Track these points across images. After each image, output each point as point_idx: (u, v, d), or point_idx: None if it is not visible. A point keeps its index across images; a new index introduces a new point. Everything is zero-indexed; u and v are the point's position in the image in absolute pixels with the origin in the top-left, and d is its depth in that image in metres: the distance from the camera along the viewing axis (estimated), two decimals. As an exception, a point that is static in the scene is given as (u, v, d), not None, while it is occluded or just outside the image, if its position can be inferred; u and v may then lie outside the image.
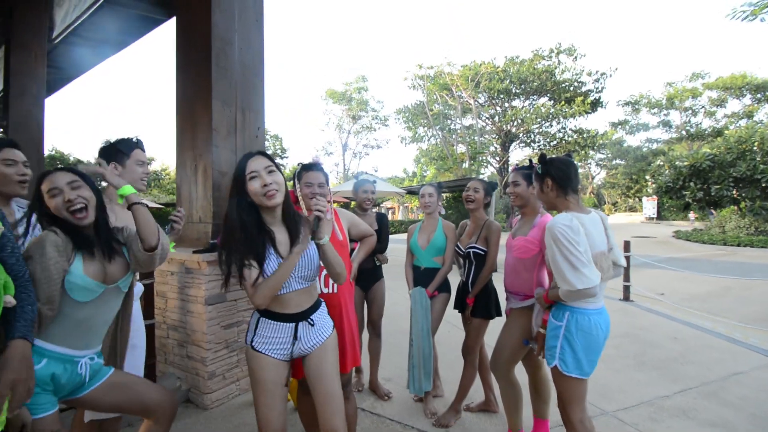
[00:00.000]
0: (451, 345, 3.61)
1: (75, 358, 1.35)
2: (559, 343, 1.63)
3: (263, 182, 1.37)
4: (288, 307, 1.45)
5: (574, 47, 23.52)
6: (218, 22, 2.90)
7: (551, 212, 2.01)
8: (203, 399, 2.57)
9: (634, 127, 34.90)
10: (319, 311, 1.54)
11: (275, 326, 1.45)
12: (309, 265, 1.46)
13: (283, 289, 1.42)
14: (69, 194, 1.33)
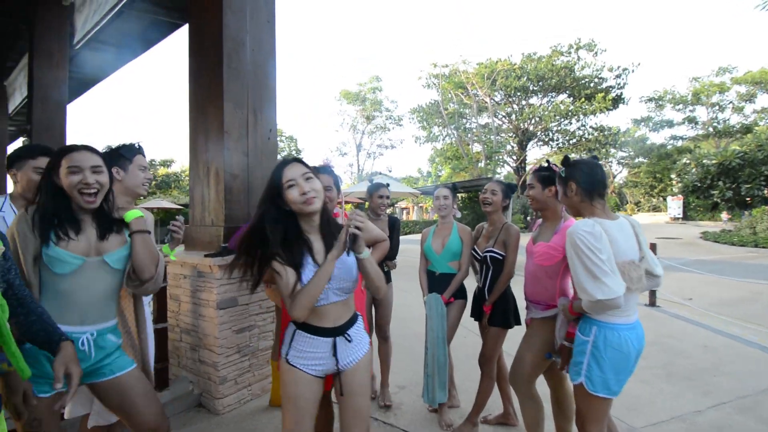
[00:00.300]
0: (468, 352, 3.50)
1: (73, 334, 1.33)
2: (586, 359, 1.52)
3: (302, 190, 1.32)
4: (326, 321, 1.39)
5: (594, 42, 22.92)
6: (230, 22, 2.87)
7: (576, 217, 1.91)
8: (215, 404, 2.54)
9: (658, 124, 33.69)
10: (356, 326, 1.47)
11: (312, 340, 1.39)
12: (347, 276, 1.40)
13: (321, 301, 1.36)
14: (89, 177, 1.34)
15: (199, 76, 3.01)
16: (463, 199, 12.60)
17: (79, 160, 1.34)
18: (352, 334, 1.43)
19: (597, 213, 1.60)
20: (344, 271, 1.39)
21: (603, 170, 1.67)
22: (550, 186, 1.95)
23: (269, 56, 3.18)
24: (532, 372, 1.92)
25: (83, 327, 1.38)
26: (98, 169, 1.37)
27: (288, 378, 1.40)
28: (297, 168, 1.37)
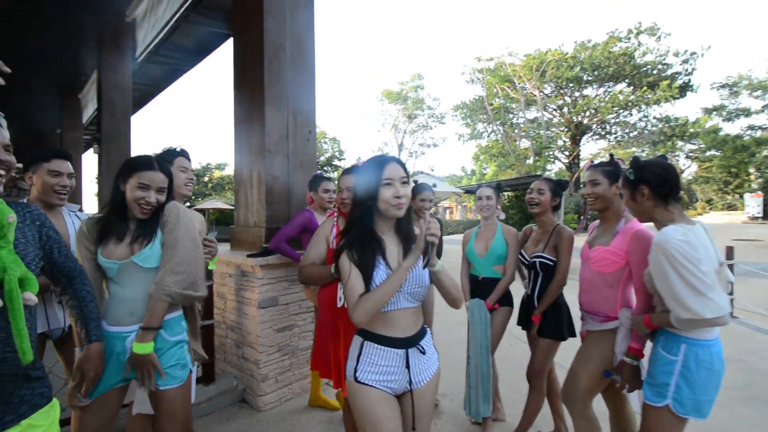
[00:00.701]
0: (516, 361, 3.30)
1: (122, 333, 1.42)
2: (674, 380, 1.37)
3: (396, 192, 1.26)
4: (395, 329, 1.28)
5: (657, 26, 21.06)
6: (270, 27, 2.91)
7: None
8: (257, 401, 2.59)
9: (733, 113, 30.25)
10: (427, 338, 1.36)
11: (383, 352, 1.26)
12: (419, 280, 1.30)
13: (390, 306, 1.27)
14: (152, 197, 1.43)
15: (242, 82, 3.09)
16: (510, 199, 12.07)
17: (150, 179, 1.43)
18: (424, 346, 1.32)
19: (676, 218, 1.42)
20: (416, 276, 1.30)
21: (676, 171, 1.48)
22: (617, 182, 1.76)
23: (309, 59, 3.20)
24: (588, 391, 1.74)
25: (131, 326, 1.43)
26: (162, 190, 1.46)
27: (364, 402, 1.23)
28: (397, 169, 1.29)
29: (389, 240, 1.34)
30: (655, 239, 1.35)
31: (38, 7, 5.27)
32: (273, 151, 2.90)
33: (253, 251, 2.76)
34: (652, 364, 1.46)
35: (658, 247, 1.32)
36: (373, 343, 1.28)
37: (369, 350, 1.28)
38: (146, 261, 1.44)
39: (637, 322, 1.51)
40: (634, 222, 1.70)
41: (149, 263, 1.45)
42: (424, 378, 1.31)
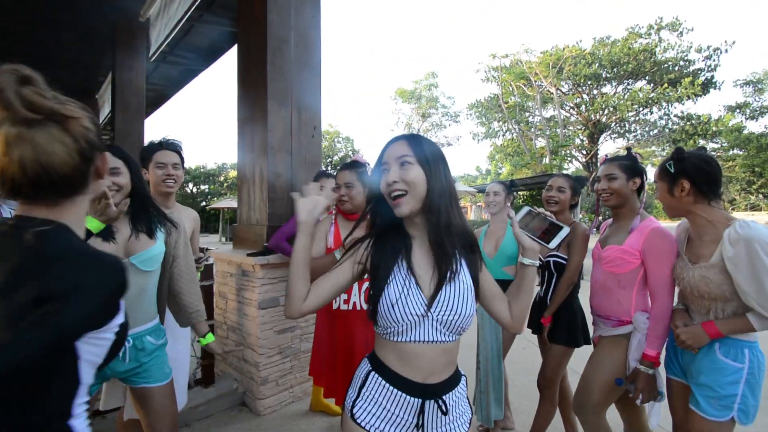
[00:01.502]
0: (527, 366, 3.16)
1: None
2: (741, 390, 1.27)
3: (386, 179, 0.96)
4: (415, 369, 0.93)
5: (679, 21, 20.33)
6: (274, 19, 2.85)
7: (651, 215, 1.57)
8: (256, 404, 2.52)
9: (757, 111, 29.09)
10: (457, 391, 0.99)
11: (392, 395, 0.94)
12: (456, 302, 0.93)
13: (410, 334, 0.92)
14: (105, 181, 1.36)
15: (246, 76, 3.03)
16: (525, 198, 11.84)
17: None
18: (450, 404, 0.96)
19: (727, 215, 1.33)
20: (453, 297, 0.93)
21: (720, 166, 1.36)
22: (634, 178, 1.63)
23: (314, 52, 3.12)
24: (601, 400, 1.61)
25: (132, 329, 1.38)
26: (114, 171, 1.35)
27: None
28: (398, 147, 0.96)
29: (420, 244, 1.01)
30: (746, 235, 1.21)
31: (53, 10, 5.36)
32: (276, 148, 2.83)
33: (255, 249, 2.70)
34: (709, 375, 1.31)
35: (749, 241, 1.19)
36: (381, 377, 0.96)
37: (374, 384, 0.97)
38: (146, 264, 1.39)
39: (696, 333, 1.32)
40: (650, 219, 1.58)
41: (149, 266, 1.40)
42: None
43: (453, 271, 0.95)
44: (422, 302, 0.92)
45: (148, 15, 6.27)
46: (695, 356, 1.36)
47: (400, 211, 0.95)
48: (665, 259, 1.46)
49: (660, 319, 1.44)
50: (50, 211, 0.65)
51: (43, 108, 0.59)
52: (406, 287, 0.93)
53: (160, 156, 1.84)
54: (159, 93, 9.18)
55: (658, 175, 1.45)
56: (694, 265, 1.35)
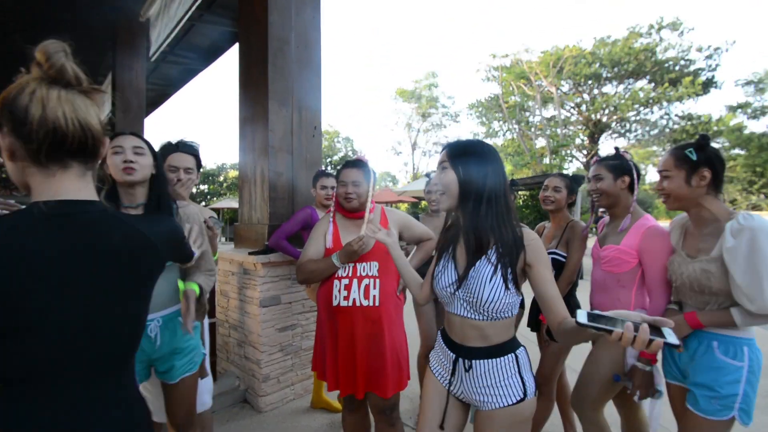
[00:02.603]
0: (525, 363, 3.19)
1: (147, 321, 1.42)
2: (742, 389, 1.26)
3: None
4: (453, 332, 1.22)
5: (680, 20, 20.33)
6: (275, 20, 2.87)
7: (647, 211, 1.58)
8: (258, 401, 2.55)
9: (759, 110, 29.04)
10: (494, 362, 1.14)
11: (441, 345, 1.28)
12: (474, 289, 1.11)
13: (449, 306, 1.21)
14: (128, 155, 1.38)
15: (247, 76, 3.05)
16: (525, 198, 11.84)
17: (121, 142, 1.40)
18: (478, 367, 1.15)
19: (723, 211, 1.33)
20: (475, 281, 1.12)
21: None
22: (623, 176, 1.65)
23: (314, 52, 3.14)
24: (599, 397, 1.63)
25: (149, 314, 1.41)
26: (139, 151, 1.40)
27: (426, 384, 1.32)
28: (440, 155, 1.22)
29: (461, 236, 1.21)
30: (745, 224, 1.21)
31: (53, 10, 5.38)
32: (277, 148, 2.85)
33: (257, 248, 2.72)
34: (708, 375, 1.29)
35: (753, 231, 1.18)
36: (440, 337, 1.30)
37: (438, 338, 1.31)
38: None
39: (678, 323, 1.33)
40: (645, 218, 1.59)
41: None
42: (475, 399, 1.16)
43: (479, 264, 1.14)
44: (453, 281, 1.18)
45: (149, 15, 6.28)
46: (693, 356, 1.35)
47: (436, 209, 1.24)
48: (660, 258, 1.48)
49: (656, 316, 1.45)
50: (82, 182, 0.71)
51: (81, 78, 0.68)
52: (446, 267, 1.22)
53: (173, 159, 1.81)
54: (159, 92, 9.19)
55: (673, 163, 1.38)
56: (694, 259, 1.34)
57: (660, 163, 1.44)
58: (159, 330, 1.42)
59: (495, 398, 1.13)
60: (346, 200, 1.69)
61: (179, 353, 1.46)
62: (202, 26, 6.04)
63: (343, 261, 1.61)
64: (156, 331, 1.41)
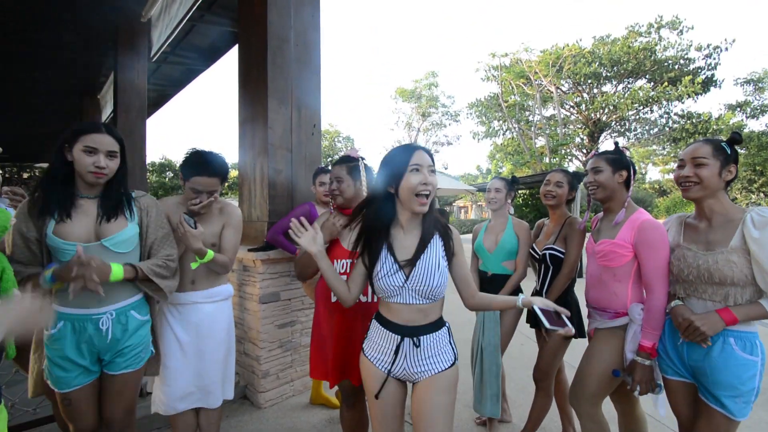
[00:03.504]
0: (523, 361, 3.20)
1: (93, 315, 1.38)
2: (757, 383, 1.28)
3: (424, 179, 1.25)
4: (397, 318, 1.32)
5: (679, 19, 20.34)
6: (274, 19, 2.89)
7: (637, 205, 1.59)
8: (257, 397, 2.56)
9: (758, 109, 29.03)
10: (435, 335, 1.32)
11: (381, 332, 1.34)
12: (426, 277, 1.27)
13: (394, 298, 1.30)
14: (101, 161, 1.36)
15: (246, 75, 3.07)
16: (525, 196, 11.85)
17: (97, 142, 1.35)
18: (424, 340, 1.30)
19: (732, 204, 1.38)
20: (422, 274, 1.27)
21: None
22: (621, 170, 1.66)
23: (313, 51, 3.16)
24: (598, 392, 1.64)
25: (101, 308, 1.40)
26: (113, 155, 1.40)
27: (363, 371, 1.39)
28: (425, 156, 1.29)
29: (407, 232, 1.34)
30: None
31: (54, 10, 5.39)
32: (276, 146, 2.87)
33: (256, 245, 2.73)
34: (730, 373, 1.27)
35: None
36: (377, 323, 1.37)
37: (375, 329, 1.38)
38: (119, 246, 1.41)
39: (713, 321, 1.28)
40: (639, 211, 1.60)
41: (123, 248, 1.42)
42: (419, 371, 1.30)
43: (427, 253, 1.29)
44: (400, 277, 1.28)
45: (150, 15, 6.29)
46: (708, 353, 1.32)
47: (423, 209, 1.28)
48: (658, 250, 1.48)
49: (655, 310, 1.46)
50: None
51: None
52: (389, 266, 1.29)
53: (197, 182, 1.66)
54: (160, 93, 9.21)
55: (711, 152, 1.36)
56: (711, 252, 1.34)
57: (691, 150, 1.41)
58: (111, 323, 1.40)
59: (435, 365, 1.30)
60: (332, 196, 1.75)
61: (126, 348, 1.44)
62: (203, 27, 6.05)
63: (325, 239, 1.61)
64: (108, 325, 1.39)
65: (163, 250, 1.53)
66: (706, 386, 1.34)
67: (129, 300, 1.47)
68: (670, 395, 1.50)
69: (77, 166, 1.35)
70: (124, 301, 1.46)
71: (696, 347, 1.36)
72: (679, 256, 1.44)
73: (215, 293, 1.79)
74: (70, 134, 1.35)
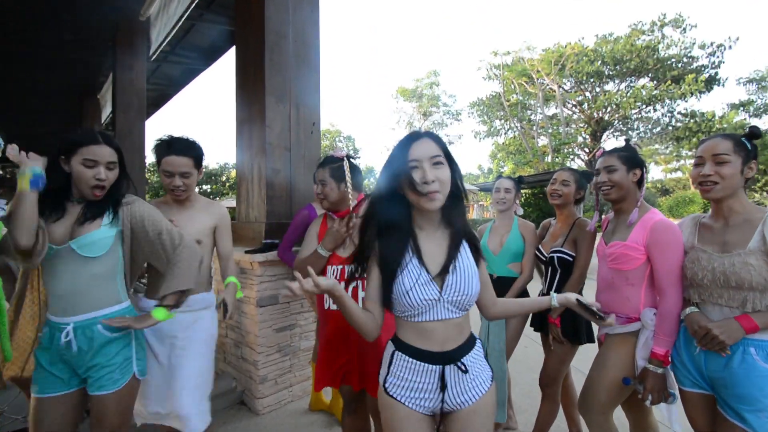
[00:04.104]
0: (529, 364, 3.13)
1: (60, 325, 1.30)
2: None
3: (424, 176, 1.02)
4: (431, 342, 1.07)
5: (682, 17, 20.20)
6: (272, 15, 2.82)
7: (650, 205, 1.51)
8: (255, 403, 2.49)
9: (761, 109, 28.85)
10: (473, 353, 1.13)
11: (415, 366, 1.08)
12: (463, 285, 1.07)
13: (424, 315, 1.07)
14: (102, 173, 1.31)
15: (243, 72, 3.00)
16: (527, 196, 11.76)
17: (97, 154, 1.29)
18: (468, 363, 1.09)
19: (750, 203, 1.32)
20: (459, 281, 1.07)
21: None
22: (635, 169, 1.58)
23: (312, 48, 3.09)
24: (608, 401, 1.56)
25: (65, 318, 1.30)
26: (112, 165, 1.34)
27: (388, 414, 1.10)
28: (426, 146, 1.05)
29: (430, 236, 1.12)
30: None
31: (52, 9, 5.35)
32: (274, 145, 2.80)
33: (254, 247, 2.67)
34: (753, 385, 1.18)
35: None
36: (404, 354, 1.09)
37: (399, 362, 1.10)
38: (86, 249, 1.29)
39: (732, 329, 1.21)
40: (652, 212, 1.53)
41: (90, 251, 1.30)
42: (466, 399, 1.09)
43: (460, 258, 1.10)
44: (434, 289, 1.06)
45: (149, 14, 6.24)
46: (727, 364, 1.23)
47: (434, 206, 1.04)
48: (672, 252, 1.41)
49: (668, 315, 1.38)
50: None
51: None
52: (421, 279, 1.06)
53: (167, 163, 1.62)
54: (161, 93, 9.18)
55: (733, 148, 1.27)
56: (728, 254, 1.26)
57: (711, 146, 1.31)
58: (73, 336, 1.28)
59: (477, 389, 1.11)
60: (319, 200, 1.70)
61: (95, 365, 1.30)
62: (203, 25, 6.01)
63: (327, 247, 1.58)
64: (70, 337, 1.27)
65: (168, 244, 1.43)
66: (726, 399, 1.25)
67: (94, 312, 1.32)
68: (687, 407, 1.42)
69: (77, 179, 1.30)
70: (92, 312, 1.32)
71: (714, 357, 1.28)
72: (693, 258, 1.35)
73: (193, 301, 1.62)
74: (67, 145, 1.29)
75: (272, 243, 2.57)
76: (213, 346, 1.77)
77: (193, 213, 1.73)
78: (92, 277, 1.32)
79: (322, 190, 1.66)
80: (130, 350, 1.38)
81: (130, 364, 1.37)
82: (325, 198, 1.67)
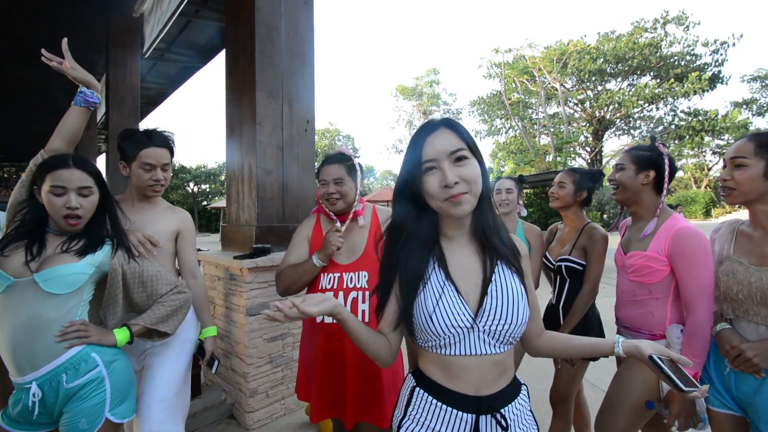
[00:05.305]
0: (536, 375, 2.97)
1: (24, 384, 1.13)
2: None
3: (444, 179, 0.80)
4: (463, 383, 0.84)
5: (685, 14, 20.01)
6: (262, 6, 2.66)
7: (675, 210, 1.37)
8: (245, 417, 2.35)
9: (764, 107, 28.64)
10: (517, 403, 0.88)
11: (441, 412, 0.84)
12: (506, 311, 0.83)
13: (455, 347, 0.83)
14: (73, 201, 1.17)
15: (233, 67, 2.85)
16: (529, 196, 11.61)
17: (65, 180, 1.16)
18: (509, 417, 0.85)
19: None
20: (503, 302, 0.83)
21: None
22: (647, 170, 1.43)
23: (306, 41, 2.93)
24: (628, 425, 1.41)
25: (25, 376, 1.12)
26: (85, 191, 1.19)
27: None
28: (444, 138, 0.83)
29: (459, 246, 0.90)
30: None
31: (45, 6, 5.21)
32: (265, 143, 2.65)
33: (244, 252, 2.52)
34: None
35: None
36: (428, 394, 0.86)
37: (421, 402, 0.87)
38: (51, 284, 1.11)
39: (767, 350, 1.09)
40: (674, 217, 1.37)
41: (55, 287, 1.12)
42: None
43: (502, 275, 0.87)
44: (466, 313, 0.83)
45: (142, 10, 6.11)
46: (760, 389, 1.12)
47: (462, 210, 0.82)
48: (698, 263, 1.26)
49: (697, 333, 1.24)
50: None
51: None
52: (445, 296, 0.83)
53: (148, 155, 1.50)
54: (157, 91, 9.04)
55: (753, 149, 1.17)
56: (766, 267, 1.13)
57: (732, 149, 1.23)
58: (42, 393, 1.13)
59: None
60: (329, 201, 1.49)
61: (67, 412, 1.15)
62: (198, 22, 5.87)
63: (323, 259, 1.42)
64: (39, 396, 1.11)
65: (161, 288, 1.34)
66: (758, 425, 1.12)
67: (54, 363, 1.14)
68: (714, 429, 1.28)
69: (48, 209, 1.16)
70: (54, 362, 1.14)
71: (746, 378, 1.15)
72: (728, 270, 1.21)
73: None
74: (37, 173, 1.18)
75: (263, 248, 2.42)
76: (190, 352, 1.63)
77: (155, 215, 1.60)
78: (49, 322, 1.13)
79: (338, 190, 1.47)
80: (103, 394, 1.19)
81: (102, 408, 1.18)
82: (342, 198, 1.48)
